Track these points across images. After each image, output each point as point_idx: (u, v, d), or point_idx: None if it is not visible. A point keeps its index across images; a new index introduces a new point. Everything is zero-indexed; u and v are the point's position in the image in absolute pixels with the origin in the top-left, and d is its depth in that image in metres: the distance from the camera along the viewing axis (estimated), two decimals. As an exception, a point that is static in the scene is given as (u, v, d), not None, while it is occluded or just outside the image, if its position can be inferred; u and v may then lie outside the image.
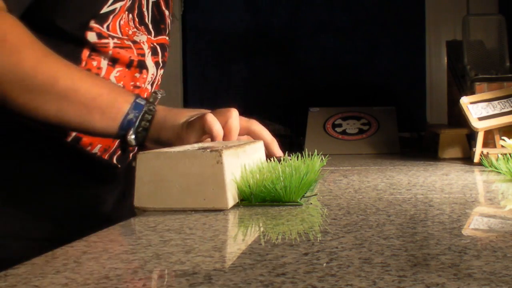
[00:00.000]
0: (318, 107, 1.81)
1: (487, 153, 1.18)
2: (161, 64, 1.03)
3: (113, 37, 0.91)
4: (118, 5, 0.92)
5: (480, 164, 1.21)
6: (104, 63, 0.92)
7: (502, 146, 1.17)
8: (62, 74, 0.82)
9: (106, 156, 0.98)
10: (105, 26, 0.90)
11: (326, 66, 2.18)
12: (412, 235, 0.57)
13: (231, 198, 0.74)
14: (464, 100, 1.32)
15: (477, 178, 1.05)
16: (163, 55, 1.04)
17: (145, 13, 1.00)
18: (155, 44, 1.01)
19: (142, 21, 0.98)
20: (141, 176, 0.74)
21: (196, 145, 0.88)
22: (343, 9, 2.17)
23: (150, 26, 1.01)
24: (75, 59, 0.88)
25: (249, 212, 0.72)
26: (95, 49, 0.90)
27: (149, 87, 1.01)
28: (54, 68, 0.81)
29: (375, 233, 0.58)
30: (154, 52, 1.00)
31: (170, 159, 0.74)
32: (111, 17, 0.91)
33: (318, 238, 0.56)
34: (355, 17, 2.17)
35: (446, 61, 1.83)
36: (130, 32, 0.95)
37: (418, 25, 2.14)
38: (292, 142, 1.95)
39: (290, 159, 0.86)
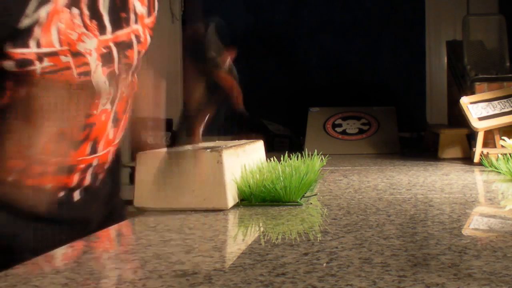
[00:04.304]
0: (318, 107, 1.81)
1: (487, 153, 1.18)
2: (117, 72, 0.77)
3: (41, 58, 0.68)
4: (43, 11, 0.67)
5: (480, 164, 1.20)
6: (34, 91, 0.70)
7: (502, 146, 1.17)
8: None
9: None
10: (31, 42, 0.68)
11: (326, 66, 2.18)
12: (412, 235, 0.57)
13: (231, 198, 0.74)
14: (464, 100, 1.32)
15: (477, 178, 1.05)
16: (124, 57, 0.78)
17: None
18: (111, 44, 0.76)
19: (94, 14, 0.73)
20: (141, 176, 0.74)
21: (197, 145, 0.88)
22: (343, 9, 2.17)
23: (106, 18, 0.75)
24: None
25: (249, 212, 0.72)
26: (19, 79, 0.70)
27: (109, 106, 0.77)
28: None
29: (375, 233, 0.58)
30: (107, 60, 0.75)
31: (170, 159, 0.74)
32: (36, 29, 0.68)
33: (318, 238, 0.56)
34: (355, 17, 2.17)
35: (446, 61, 1.83)
36: (75, 37, 0.71)
37: (418, 25, 2.13)
38: (292, 142, 1.95)
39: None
